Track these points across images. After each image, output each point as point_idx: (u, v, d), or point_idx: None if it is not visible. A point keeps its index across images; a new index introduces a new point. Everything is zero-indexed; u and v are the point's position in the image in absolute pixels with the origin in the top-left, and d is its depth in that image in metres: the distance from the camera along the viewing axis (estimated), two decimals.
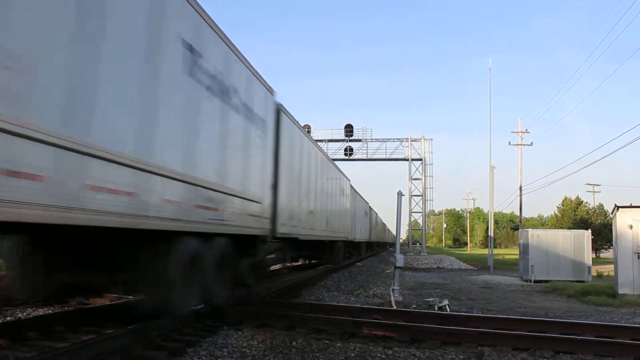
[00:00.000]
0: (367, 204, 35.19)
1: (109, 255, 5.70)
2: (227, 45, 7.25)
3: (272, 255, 11.19)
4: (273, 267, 14.06)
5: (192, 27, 6.07)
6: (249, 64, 8.29)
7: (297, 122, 12.19)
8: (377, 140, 46.02)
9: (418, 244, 49.56)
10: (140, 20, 4.99)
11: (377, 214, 46.14)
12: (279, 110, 10.21)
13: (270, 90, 9.51)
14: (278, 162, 10.08)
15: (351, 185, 24.09)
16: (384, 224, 61.84)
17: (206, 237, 6.81)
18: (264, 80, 9.08)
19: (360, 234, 29.03)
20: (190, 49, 5.93)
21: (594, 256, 32.78)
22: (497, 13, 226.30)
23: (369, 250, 41.27)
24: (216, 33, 6.79)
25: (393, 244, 69.81)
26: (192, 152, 6.21)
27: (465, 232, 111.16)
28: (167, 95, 5.53)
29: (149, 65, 5.15)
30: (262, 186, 9.08)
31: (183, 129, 5.96)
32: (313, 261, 21.15)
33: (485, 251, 43.18)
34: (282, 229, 10.33)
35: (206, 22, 6.43)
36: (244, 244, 8.45)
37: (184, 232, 6.06)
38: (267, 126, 9.36)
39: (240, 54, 7.83)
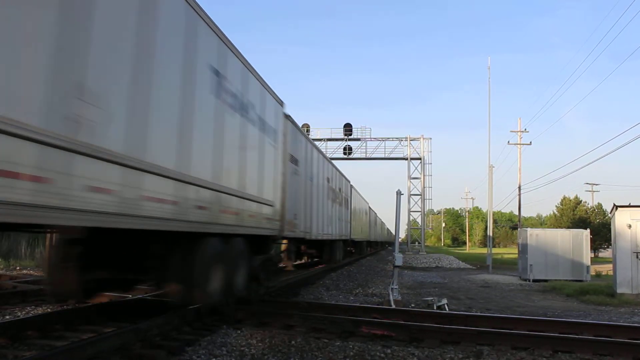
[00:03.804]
0: (348, 182, 24.35)
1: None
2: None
3: None
4: None
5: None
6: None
7: None
8: (376, 139, 46.11)
9: (417, 243, 49.57)
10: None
11: (368, 203, 37.15)
12: None
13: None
14: None
15: (297, 133, 12.74)
16: (377, 219, 51.10)
17: None
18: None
19: (329, 229, 17.93)
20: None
21: (593, 255, 32.82)
22: (496, 12, 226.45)
23: (357, 252, 31.81)
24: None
25: (387, 243, 69.53)
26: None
27: (464, 232, 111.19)
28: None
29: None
30: None
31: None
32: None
33: (484, 250, 43.23)
34: None
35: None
36: None
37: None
38: None
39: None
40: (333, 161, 21.97)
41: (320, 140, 42.85)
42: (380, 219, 54.46)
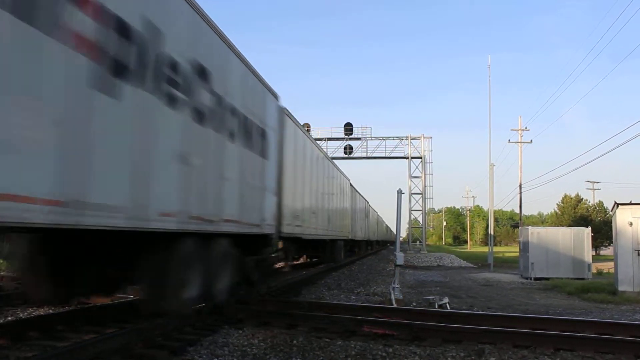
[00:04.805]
0: (275, 99, 10.11)
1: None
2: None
3: None
4: None
5: None
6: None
7: None
8: (376, 138, 46.08)
9: (418, 242, 49.56)
10: None
11: (349, 180, 24.73)
12: None
13: None
14: None
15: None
16: (370, 210, 41.08)
17: None
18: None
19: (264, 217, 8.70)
20: None
21: (594, 253, 32.79)
22: (497, 10, 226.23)
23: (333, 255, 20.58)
24: None
25: (387, 242, 68.96)
26: None
27: (465, 230, 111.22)
28: None
29: None
30: None
31: None
32: None
33: (485, 249, 43.18)
34: None
35: None
36: None
37: None
38: None
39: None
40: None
41: (321, 139, 42.76)
42: (375, 212, 50.77)
